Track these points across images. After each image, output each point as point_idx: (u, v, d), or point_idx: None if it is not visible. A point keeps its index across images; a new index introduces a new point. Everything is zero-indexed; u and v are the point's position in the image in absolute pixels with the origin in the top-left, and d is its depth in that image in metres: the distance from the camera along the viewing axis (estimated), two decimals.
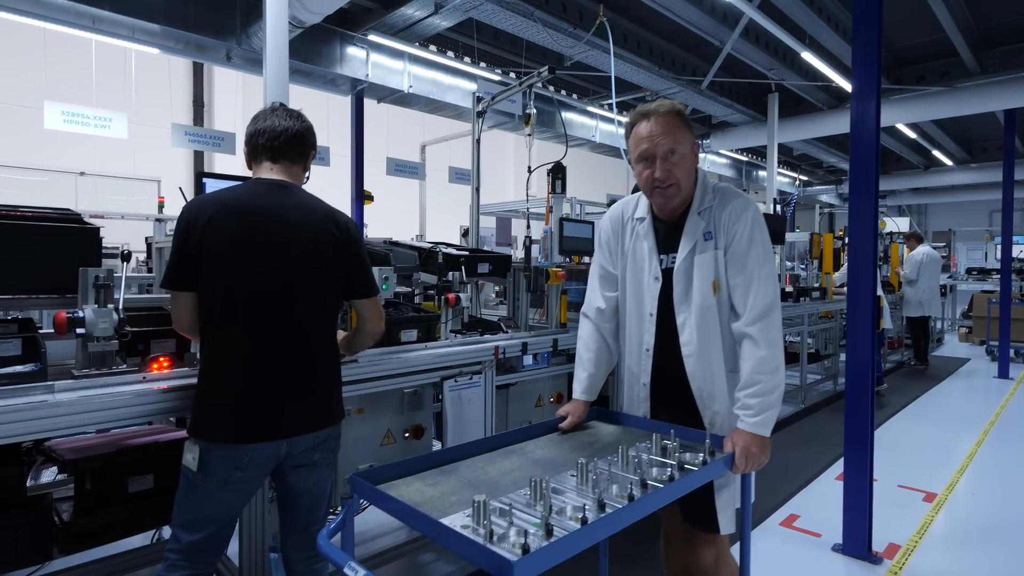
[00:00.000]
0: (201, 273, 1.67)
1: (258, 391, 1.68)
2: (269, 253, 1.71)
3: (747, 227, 1.72)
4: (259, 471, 1.72)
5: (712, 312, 1.74)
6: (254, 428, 1.67)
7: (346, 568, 1.11)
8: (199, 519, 1.69)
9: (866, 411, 2.93)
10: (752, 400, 1.64)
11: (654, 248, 1.84)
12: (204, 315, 1.70)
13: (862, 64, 2.96)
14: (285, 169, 1.85)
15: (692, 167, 1.77)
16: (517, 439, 1.76)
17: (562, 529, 1.15)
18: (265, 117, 1.86)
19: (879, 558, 2.91)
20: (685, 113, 1.77)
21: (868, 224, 2.94)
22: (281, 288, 1.73)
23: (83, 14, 4.86)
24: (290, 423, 1.73)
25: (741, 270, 1.71)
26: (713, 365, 1.75)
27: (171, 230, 4.06)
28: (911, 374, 7.89)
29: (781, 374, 1.68)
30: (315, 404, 1.79)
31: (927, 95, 8.26)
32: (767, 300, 1.69)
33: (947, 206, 18.22)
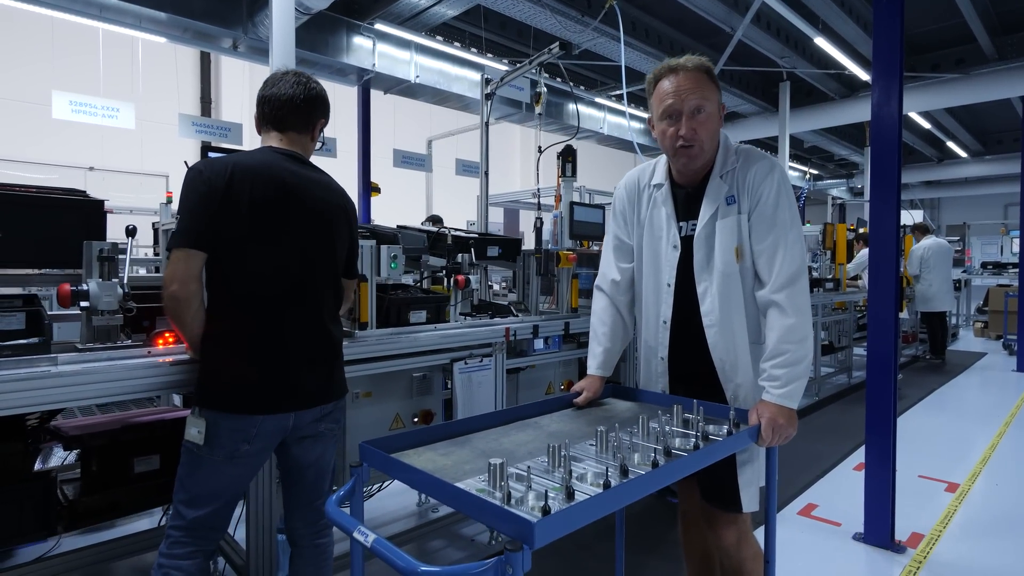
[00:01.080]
0: (219, 233, 1.59)
1: (272, 362, 1.64)
2: (290, 222, 1.67)
3: (773, 189, 1.62)
4: (266, 444, 1.67)
5: (735, 280, 1.65)
6: (265, 399, 1.63)
7: (355, 532, 1.05)
8: (203, 495, 1.64)
9: (888, 397, 2.85)
10: (779, 371, 1.56)
11: (672, 215, 1.75)
12: (216, 280, 1.63)
13: (885, 41, 2.87)
14: (292, 140, 1.80)
15: (717, 128, 1.67)
16: (531, 413, 1.70)
17: (584, 493, 1.09)
18: (274, 83, 1.80)
19: (902, 547, 2.83)
20: (713, 70, 1.68)
21: (891, 208, 2.85)
22: (300, 258, 1.69)
23: (90, 2, 4.85)
24: (301, 395, 1.69)
25: (767, 235, 1.62)
26: (736, 336, 1.67)
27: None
28: (927, 368, 7.76)
29: (809, 343, 1.59)
30: (324, 376, 1.76)
31: (942, 82, 8.13)
32: (794, 266, 1.60)
33: (961, 199, 17.99)
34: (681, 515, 2.01)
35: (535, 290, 3.28)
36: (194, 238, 1.58)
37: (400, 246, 2.58)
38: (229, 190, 1.59)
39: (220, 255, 1.61)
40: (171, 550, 1.63)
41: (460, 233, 3.13)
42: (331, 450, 1.86)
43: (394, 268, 2.50)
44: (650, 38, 7.27)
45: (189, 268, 1.58)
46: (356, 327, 2.41)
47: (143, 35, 5.44)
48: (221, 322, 1.63)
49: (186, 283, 1.58)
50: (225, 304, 1.63)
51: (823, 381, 6.16)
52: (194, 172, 1.62)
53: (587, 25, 5.83)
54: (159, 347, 1.94)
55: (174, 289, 1.57)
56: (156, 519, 2.80)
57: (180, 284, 1.58)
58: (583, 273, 3.70)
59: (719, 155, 1.70)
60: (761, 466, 1.68)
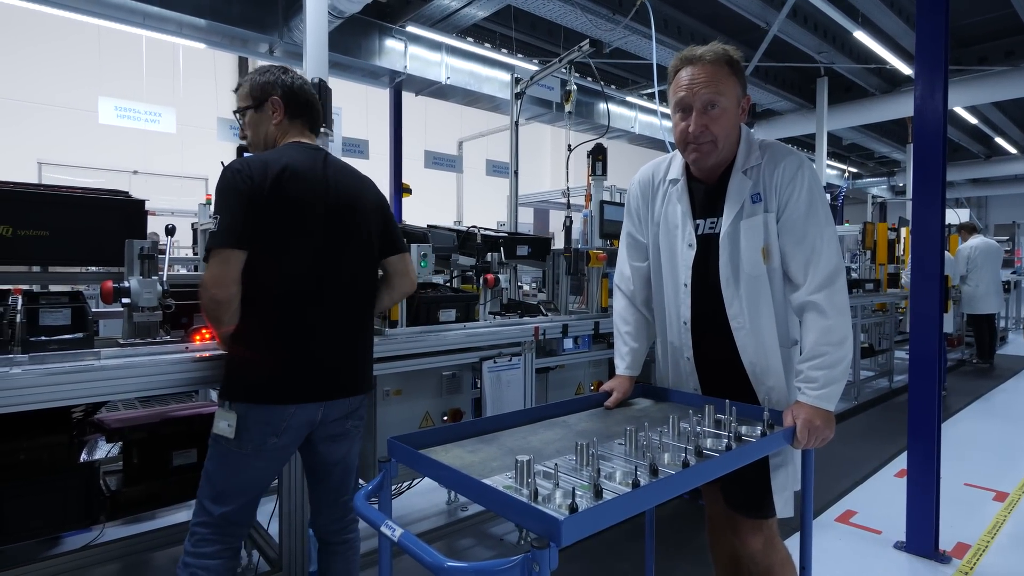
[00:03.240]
0: (262, 232, 1.58)
1: (303, 352, 1.65)
2: (331, 216, 1.69)
3: (803, 188, 1.54)
4: (294, 437, 1.68)
5: (763, 282, 1.58)
6: (295, 389, 1.63)
7: (383, 527, 1.06)
8: (231, 490, 1.65)
9: (932, 399, 2.74)
10: (816, 372, 1.50)
11: (688, 212, 1.67)
12: (253, 277, 1.60)
13: (928, 32, 2.77)
14: (313, 140, 1.83)
15: (734, 123, 1.57)
16: (559, 412, 1.68)
17: (612, 492, 1.07)
18: (288, 74, 1.79)
19: (947, 557, 2.72)
20: (737, 60, 1.56)
21: (935, 208, 2.74)
22: (340, 252, 1.71)
23: (135, 11, 5.03)
24: (331, 386, 1.70)
25: (801, 238, 1.54)
26: (766, 340, 1.61)
27: None
28: (974, 372, 7.45)
29: (849, 345, 1.52)
30: (355, 369, 1.78)
31: (990, 75, 7.80)
32: (831, 266, 1.52)
33: (1010, 198, 17.25)
34: (708, 520, 1.96)
35: (564, 289, 3.26)
36: (236, 238, 1.56)
37: (430, 245, 2.60)
38: (277, 186, 1.59)
39: (260, 253, 1.60)
40: (197, 548, 1.62)
41: (490, 232, 3.14)
42: (356, 448, 1.87)
43: (424, 267, 2.52)
44: (682, 35, 7.17)
45: (230, 270, 1.56)
46: (386, 325, 2.44)
47: (184, 41, 5.62)
48: (255, 317, 1.62)
49: (228, 286, 1.56)
50: (260, 299, 1.62)
51: (863, 385, 5.97)
52: (233, 171, 1.60)
53: (618, 23, 5.78)
54: (196, 343, 2.00)
55: (215, 293, 1.56)
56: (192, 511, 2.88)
57: (222, 287, 1.56)
58: (613, 272, 3.67)
59: (741, 150, 1.61)
60: (796, 470, 1.63)
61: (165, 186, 9.86)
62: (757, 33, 6.92)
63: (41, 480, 1.89)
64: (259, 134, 1.77)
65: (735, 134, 1.61)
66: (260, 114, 1.76)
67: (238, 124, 1.82)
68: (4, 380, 1.53)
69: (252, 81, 1.77)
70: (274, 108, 1.75)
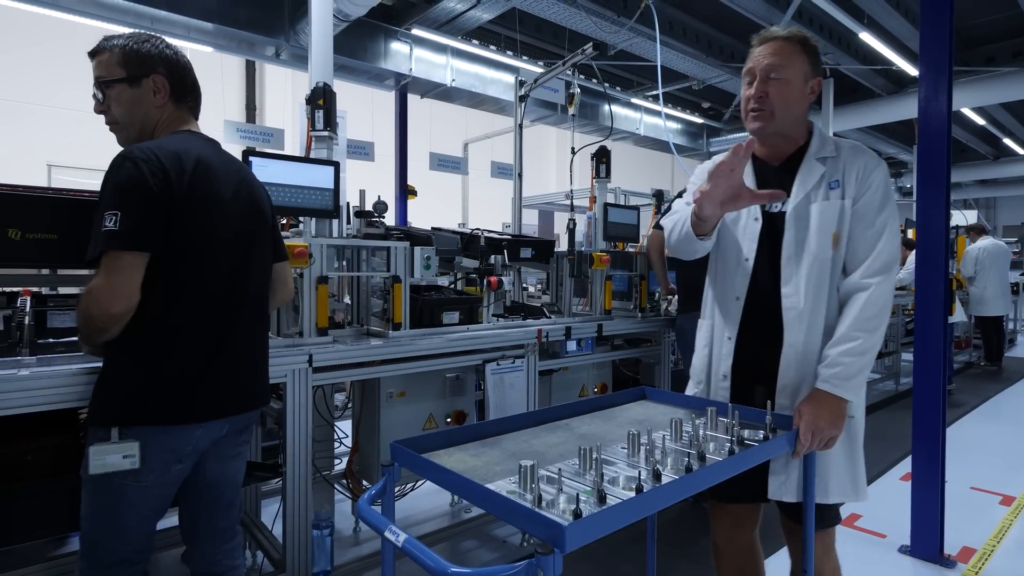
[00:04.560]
0: (173, 233, 1.38)
1: (215, 365, 1.48)
2: (241, 217, 1.55)
3: (881, 183, 1.59)
4: (192, 460, 1.50)
5: (827, 266, 1.58)
6: (207, 405, 1.46)
7: (387, 532, 1.06)
8: (128, 533, 1.43)
9: (937, 404, 2.72)
10: (846, 359, 1.49)
11: (755, 189, 1.67)
12: (160, 284, 1.38)
13: (932, 31, 2.76)
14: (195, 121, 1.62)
15: (797, 99, 1.59)
16: (562, 415, 1.69)
17: (616, 497, 1.08)
18: (181, 54, 1.56)
19: (952, 561, 2.70)
20: (811, 42, 1.61)
21: (939, 209, 2.73)
22: (248, 256, 1.56)
23: (142, 15, 5.07)
24: (239, 400, 1.56)
25: (870, 224, 1.57)
26: (814, 323, 1.58)
27: None
28: (982, 375, 7.40)
29: (880, 336, 1.53)
30: (258, 380, 1.65)
31: (997, 76, 7.75)
32: (891, 257, 1.56)
33: (1019, 199, 17.12)
34: (713, 545, 1.88)
35: (568, 292, 3.27)
36: (142, 239, 1.33)
37: (433, 247, 2.61)
38: (193, 186, 1.41)
39: (167, 257, 1.39)
40: None
41: (493, 235, 3.14)
42: (244, 464, 1.71)
43: (427, 269, 2.53)
44: (688, 37, 7.16)
45: (134, 278, 1.33)
46: (390, 327, 2.45)
47: (191, 45, 5.65)
48: (155, 328, 1.40)
49: (130, 296, 1.33)
50: (163, 308, 1.40)
51: (869, 387, 5.93)
52: (138, 161, 1.35)
53: (622, 25, 5.78)
54: None
55: (112, 305, 1.31)
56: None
57: (122, 299, 1.32)
58: (617, 275, 3.67)
59: (814, 139, 1.66)
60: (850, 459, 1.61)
61: None
62: None
63: (48, 481, 1.90)
64: (133, 116, 1.50)
65: (798, 112, 1.62)
66: (136, 91, 1.48)
67: (96, 96, 1.50)
68: (12, 382, 1.55)
69: (126, 48, 1.47)
70: (157, 88, 1.49)
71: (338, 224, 2.84)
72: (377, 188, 6.97)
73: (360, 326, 2.61)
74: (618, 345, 3.51)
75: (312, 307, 2.23)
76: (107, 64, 1.48)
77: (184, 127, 1.55)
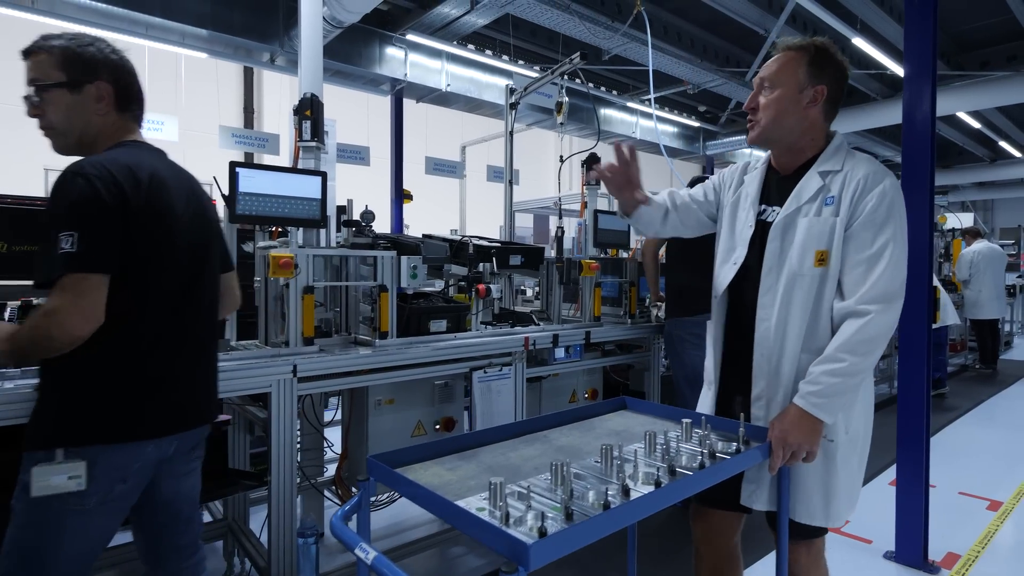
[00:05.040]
0: (130, 251, 1.34)
1: (167, 379, 1.44)
2: (193, 231, 1.51)
3: (882, 200, 1.49)
4: (140, 480, 1.43)
5: (809, 284, 1.53)
6: (157, 420, 1.42)
7: (357, 549, 1.08)
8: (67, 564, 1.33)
9: (921, 410, 2.75)
10: (827, 378, 1.45)
11: (756, 196, 1.70)
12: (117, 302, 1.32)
13: (916, 39, 2.79)
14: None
15: (788, 109, 1.58)
16: (542, 426, 1.70)
17: (583, 514, 1.09)
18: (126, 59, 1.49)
19: (936, 567, 2.72)
20: (817, 50, 1.58)
21: (923, 209, 2.76)
22: (201, 270, 1.54)
23: (137, 21, 5.09)
24: (191, 414, 1.52)
25: (866, 247, 1.48)
26: (787, 341, 1.55)
27: None
28: (976, 378, 7.42)
29: (870, 365, 1.48)
30: (212, 393, 1.62)
31: (992, 81, 7.77)
32: (894, 285, 1.46)
33: (1016, 201, 17.15)
34: (694, 550, 1.89)
35: (557, 299, 3.29)
36: (104, 260, 1.29)
37: (420, 256, 2.63)
38: (149, 201, 1.36)
39: (124, 276, 1.34)
40: None
41: (483, 242, 3.16)
42: (198, 479, 1.65)
43: (414, 279, 2.55)
44: (682, 42, 7.19)
45: (98, 300, 1.28)
46: (376, 336, 2.47)
47: (186, 51, 5.68)
48: (108, 345, 1.34)
49: (93, 320, 1.27)
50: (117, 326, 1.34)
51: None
52: (90, 177, 1.28)
53: (616, 31, 5.80)
54: None
55: (75, 328, 1.25)
56: None
57: (86, 322, 1.26)
58: (607, 281, 3.69)
59: (827, 151, 1.62)
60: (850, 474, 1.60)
61: None
62: (757, 39, 6.94)
63: None
64: (72, 123, 1.41)
65: (791, 121, 1.59)
66: (76, 97, 1.39)
67: (32, 99, 1.41)
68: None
69: (67, 51, 1.39)
70: (100, 95, 1.41)
71: (325, 233, 2.86)
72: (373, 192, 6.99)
73: (348, 334, 2.63)
74: (609, 351, 3.53)
75: (298, 317, 2.25)
76: (44, 66, 1.38)
77: (129, 137, 1.48)
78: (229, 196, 2.22)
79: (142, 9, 4.91)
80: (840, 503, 1.59)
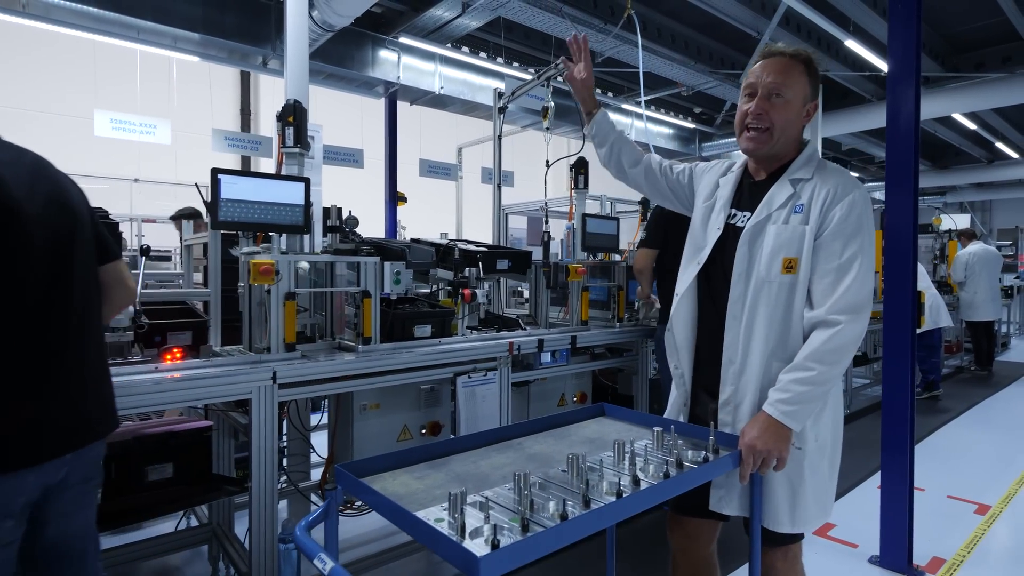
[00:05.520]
0: None
1: (33, 395, 1.28)
2: (48, 226, 1.34)
3: (853, 212, 1.50)
4: (24, 515, 1.27)
5: (777, 291, 1.54)
6: (28, 445, 1.24)
7: (315, 560, 1.09)
8: None
9: (905, 414, 2.74)
10: (796, 387, 1.46)
11: (728, 200, 1.70)
12: None
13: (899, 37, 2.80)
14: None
15: (794, 119, 1.58)
16: (517, 434, 1.71)
17: (539, 525, 1.10)
18: None
19: (920, 572, 2.72)
20: (814, 63, 1.59)
21: (907, 212, 2.75)
22: (66, 266, 1.37)
23: (129, 26, 5.09)
24: (72, 432, 1.33)
25: (835, 256, 1.50)
26: (754, 345, 1.56)
27: None
28: (971, 380, 7.42)
29: (839, 373, 1.50)
30: (98, 403, 1.45)
31: (987, 82, 7.77)
32: (861, 296, 1.49)
33: (1013, 202, 17.14)
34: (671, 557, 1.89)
35: (544, 303, 3.30)
36: None
37: (404, 262, 2.63)
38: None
39: None
40: None
41: (470, 247, 3.16)
42: (94, 510, 1.50)
43: (397, 284, 2.55)
44: (676, 44, 7.19)
45: None
46: (360, 341, 2.47)
47: (179, 55, 5.69)
48: None
49: None
50: None
51: (855, 393, 5.96)
52: None
53: (608, 33, 5.81)
54: (167, 363, 2.04)
55: None
56: (174, 524, 2.92)
57: None
58: (595, 285, 3.70)
59: (799, 159, 1.63)
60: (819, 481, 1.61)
61: (162, 193, 9.97)
62: (750, 41, 6.94)
63: None
64: None
65: (794, 133, 1.61)
66: None
67: None
68: None
69: None
70: None
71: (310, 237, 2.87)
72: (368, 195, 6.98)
73: (333, 339, 2.64)
74: (599, 354, 3.52)
75: (280, 323, 2.25)
76: None
77: None
78: (211, 202, 2.23)
79: (133, 13, 4.92)
80: (808, 510, 1.60)
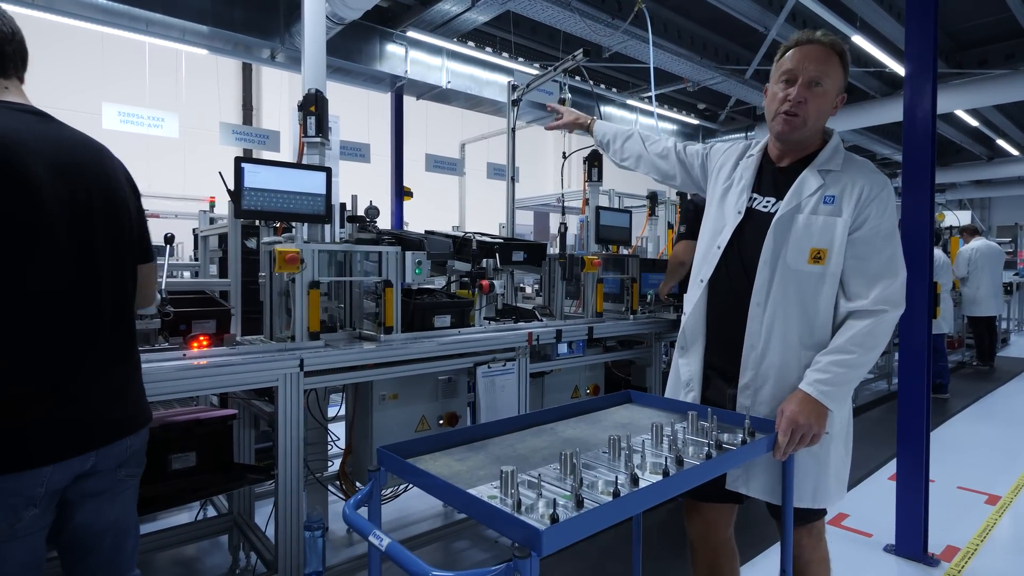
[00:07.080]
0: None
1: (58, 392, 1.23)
2: (73, 206, 1.28)
3: (889, 209, 1.56)
4: (51, 503, 1.25)
5: (804, 280, 1.57)
6: (51, 443, 1.21)
7: (371, 536, 1.10)
8: None
9: (921, 404, 2.77)
10: (836, 368, 1.50)
11: (750, 184, 1.70)
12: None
13: (916, 37, 2.80)
14: (21, 91, 1.37)
15: (827, 110, 1.60)
16: (548, 419, 1.72)
17: (593, 502, 1.11)
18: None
19: (935, 560, 2.75)
20: (847, 56, 1.61)
21: (923, 209, 2.77)
22: (84, 252, 1.30)
23: (138, 18, 5.08)
24: (98, 429, 1.30)
25: (878, 251, 1.55)
26: (776, 326, 1.58)
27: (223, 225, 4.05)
28: (974, 375, 7.46)
29: (875, 358, 1.55)
30: (129, 401, 1.39)
31: (990, 79, 7.80)
32: (903, 285, 1.55)
33: (1013, 199, 17.23)
34: (689, 544, 1.90)
35: (560, 295, 3.31)
36: None
37: (425, 252, 2.64)
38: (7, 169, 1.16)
39: None
40: None
41: (486, 238, 3.17)
42: (132, 503, 1.44)
43: (418, 274, 2.56)
44: (682, 39, 7.19)
45: None
46: (381, 331, 2.48)
47: (187, 47, 5.67)
48: None
49: None
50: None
51: (862, 387, 5.99)
52: None
53: (617, 28, 5.81)
54: (194, 350, 2.04)
55: None
56: (194, 513, 2.93)
57: None
58: (609, 277, 3.71)
59: (827, 150, 1.63)
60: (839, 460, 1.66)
61: (170, 188, 9.95)
62: (756, 37, 6.95)
63: None
64: None
65: (822, 124, 1.63)
66: None
67: None
68: None
69: None
70: None
71: (330, 228, 2.87)
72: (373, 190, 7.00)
73: (353, 329, 2.64)
74: (611, 347, 3.54)
75: (304, 312, 2.26)
76: None
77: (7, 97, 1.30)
78: (235, 191, 2.23)
79: (143, 5, 4.90)
80: (829, 487, 1.66)
